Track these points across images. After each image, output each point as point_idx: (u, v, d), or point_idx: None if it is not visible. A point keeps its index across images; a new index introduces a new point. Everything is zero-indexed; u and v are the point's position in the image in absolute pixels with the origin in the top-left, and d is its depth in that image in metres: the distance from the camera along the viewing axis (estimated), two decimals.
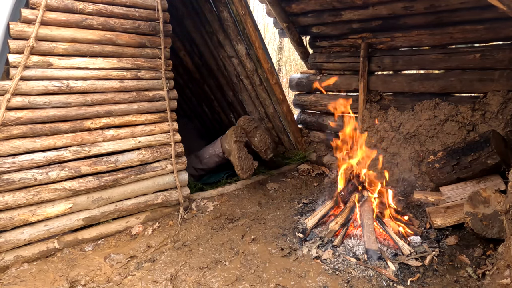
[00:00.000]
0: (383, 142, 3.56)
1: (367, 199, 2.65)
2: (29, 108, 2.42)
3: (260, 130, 3.75)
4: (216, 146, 3.67)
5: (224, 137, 3.61)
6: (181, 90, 4.84)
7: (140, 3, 2.87)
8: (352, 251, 2.46)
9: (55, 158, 2.50)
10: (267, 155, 3.75)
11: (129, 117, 2.86)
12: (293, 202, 3.34)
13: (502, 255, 1.91)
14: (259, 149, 3.72)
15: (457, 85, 3.21)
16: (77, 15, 2.59)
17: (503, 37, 2.98)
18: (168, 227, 2.92)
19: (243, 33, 3.78)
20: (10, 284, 2.23)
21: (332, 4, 3.58)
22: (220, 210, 3.20)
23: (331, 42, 4.01)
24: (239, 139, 3.51)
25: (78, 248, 2.60)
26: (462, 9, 2.98)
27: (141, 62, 2.92)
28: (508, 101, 2.91)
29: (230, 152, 3.49)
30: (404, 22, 3.37)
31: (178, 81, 4.87)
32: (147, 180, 2.94)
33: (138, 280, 2.30)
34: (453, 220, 2.58)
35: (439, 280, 2.18)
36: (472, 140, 2.68)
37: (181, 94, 4.86)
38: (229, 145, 3.52)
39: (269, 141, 3.77)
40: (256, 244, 2.64)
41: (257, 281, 2.26)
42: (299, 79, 4.46)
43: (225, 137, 3.58)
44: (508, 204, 1.90)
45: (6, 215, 2.34)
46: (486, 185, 2.58)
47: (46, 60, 2.47)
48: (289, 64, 9.20)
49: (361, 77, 3.66)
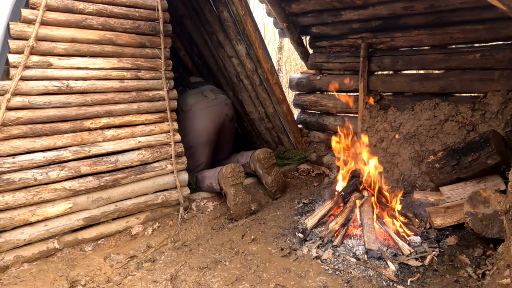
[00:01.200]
0: (383, 142, 3.56)
1: (367, 199, 2.65)
2: (29, 108, 2.42)
3: (276, 168, 3.45)
4: (214, 180, 3.26)
5: (221, 174, 3.14)
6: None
7: (140, 3, 2.87)
8: (352, 251, 2.46)
9: (55, 158, 2.51)
10: (275, 196, 3.46)
11: (129, 117, 2.86)
12: (293, 202, 3.34)
13: (502, 255, 1.90)
14: (269, 188, 3.39)
15: (457, 85, 3.21)
16: (77, 15, 2.59)
17: (503, 37, 2.98)
18: (168, 227, 2.92)
19: (243, 33, 3.78)
20: (10, 284, 2.23)
21: (332, 4, 3.58)
22: (220, 210, 3.20)
23: (331, 42, 4.01)
24: (237, 181, 3.05)
25: (78, 248, 2.61)
26: (462, 9, 2.98)
27: (141, 62, 2.92)
28: (508, 101, 2.91)
29: (226, 193, 3.11)
30: (404, 22, 3.37)
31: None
32: (147, 180, 2.94)
33: (138, 280, 2.30)
34: (453, 220, 2.58)
35: (439, 280, 2.18)
36: (472, 140, 2.68)
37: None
38: (225, 185, 3.09)
39: (282, 182, 3.48)
40: (256, 244, 2.64)
41: (257, 281, 2.26)
42: (299, 79, 4.46)
43: (222, 175, 3.12)
44: (508, 204, 1.90)
45: (6, 215, 2.34)
46: (486, 185, 2.58)
47: (46, 60, 2.47)
48: (289, 64, 9.20)
49: (361, 77, 3.66)
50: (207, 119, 3.56)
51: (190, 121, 3.54)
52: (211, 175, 3.30)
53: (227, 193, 3.06)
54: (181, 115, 3.49)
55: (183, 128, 3.38)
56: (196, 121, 3.54)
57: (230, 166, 3.06)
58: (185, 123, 3.51)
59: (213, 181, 3.24)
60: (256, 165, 3.47)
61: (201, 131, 3.55)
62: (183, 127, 3.40)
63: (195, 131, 3.54)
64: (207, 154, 3.65)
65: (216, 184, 3.20)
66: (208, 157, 3.67)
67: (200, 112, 3.55)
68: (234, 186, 3.04)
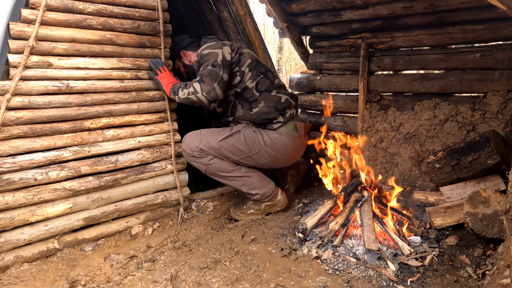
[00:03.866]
0: (383, 142, 3.57)
1: (367, 199, 2.65)
2: (29, 108, 2.42)
3: (300, 183, 3.59)
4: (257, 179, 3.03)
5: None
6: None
7: (140, 3, 2.87)
8: (352, 251, 2.46)
9: (55, 158, 2.51)
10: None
11: (129, 117, 2.86)
12: (293, 202, 3.34)
13: (502, 255, 1.91)
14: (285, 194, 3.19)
15: (457, 85, 3.21)
16: (77, 15, 2.59)
17: (503, 37, 2.98)
18: (168, 227, 2.92)
19: (243, 33, 3.78)
20: (10, 284, 2.23)
21: (332, 4, 3.58)
22: (220, 210, 3.20)
23: (331, 42, 4.01)
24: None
25: (78, 248, 2.61)
26: (462, 9, 2.98)
27: (141, 62, 2.92)
28: (508, 101, 2.91)
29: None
30: (404, 22, 3.37)
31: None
32: (147, 180, 2.94)
33: (138, 280, 2.30)
34: (453, 220, 2.58)
35: (439, 280, 2.18)
36: (472, 140, 2.68)
37: None
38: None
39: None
40: (256, 244, 2.64)
41: (257, 281, 2.26)
42: (299, 79, 4.47)
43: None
44: (508, 204, 1.91)
45: (6, 215, 2.34)
46: (486, 185, 2.59)
47: (46, 60, 2.48)
48: (289, 64, 9.21)
49: (361, 77, 3.66)
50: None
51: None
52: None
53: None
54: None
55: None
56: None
57: (306, 164, 3.52)
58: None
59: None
60: (291, 171, 3.46)
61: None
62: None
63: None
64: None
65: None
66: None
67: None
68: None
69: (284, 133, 2.94)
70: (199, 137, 2.90)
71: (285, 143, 2.93)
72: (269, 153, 2.91)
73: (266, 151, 2.90)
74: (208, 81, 2.71)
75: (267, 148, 2.90)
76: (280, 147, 2.92)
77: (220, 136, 2.89)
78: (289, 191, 3.39)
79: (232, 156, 2.90)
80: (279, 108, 2.95)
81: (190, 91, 2.76)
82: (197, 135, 2.92)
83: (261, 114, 2.93)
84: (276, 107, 2.94)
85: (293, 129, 2.97)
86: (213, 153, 2.89)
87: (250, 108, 2.96)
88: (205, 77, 2.72)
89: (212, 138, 2.90)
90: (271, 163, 3.02)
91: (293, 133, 2.96)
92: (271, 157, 2.93)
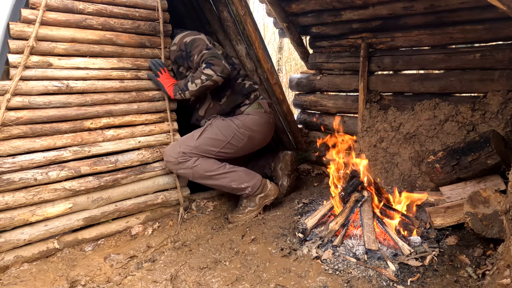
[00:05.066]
0: (383, 142, 3.56)
1: (367, 199, 2.65)
2: (29, 108, 2.42)
3: (295, 173, 3.62)
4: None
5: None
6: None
7: (140, 3, 2.87)
8: (352, 251, 2.46)
9: (55, 158, 2.51)
10: (281, 198, 3.45)
11: (129, 117, 2.86)
12: (293, 202, 3.34)
13: (502, 255, 1.91)
14: (282, 190, 3.45)
15: (457, 85, 3.21)
16: (77, 15, 2.59)
17: (503, 37, 2.98)
18: (168, 227, 2.92)
19: (243, 33, 3.77)
20: (10, 284, 2.23)
21: (332, 4, 3.58)
22: (220, 210, 3.20)
23: (331, 42, 4.01)
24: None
25: (78, 248, 2.61)
26: (462, 9, 2.98)
27: (141, 62, 2.92)
28: (508, 101, 2.91)
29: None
30: (404, 22, 3.37)
31: None
32: (147, 180, 2.94)
33: (138, 280, 2.30)
34: (453, 220, 2.58)
35: (439, 280, 2.18)
36: (472, 140, 2.68)
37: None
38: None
39: (286, 184, 3.53)
40: (256, 244, 2.64)
41: (257, 281, 2.26)
42: (299, 79, 4.47)
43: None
44: (508, 204, 1.91)
45: (6, 215, 2.34)
46: (486, 185, 2.58)
47: (46, 60, 2.48)
48: (289, 64, 9.20)
49: (361, 77, 3.67)
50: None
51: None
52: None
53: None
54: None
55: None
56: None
57: (291, 154, 3.53)
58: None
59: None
60: (280, 165, 3.53)
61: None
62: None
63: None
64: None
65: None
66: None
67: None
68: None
69: (251, 111, 3.14)
70: (177, 143, 2.98)
71: (254, 120, 3.12)
72: (243, 133, 3.07)
73: (240, 132, 3.05)
74: (216, 61, 2.83)
75: (240, 129, 3.05)
76: (251, 124, 3.10)
77: (196, 135, 3.00)
78: (283, 186, 3.48)
79: (213, 149, 2.99)
80: (244, 92, 3.16)
81: (203, 79, 2.85)
82: (175, 143, 3.00)
83: (230, 102, 3.13)
84: (242, 92, 3.15)
85: (258, 107, 3.18)
86: (196, 152, 2.94)
87: (219, 99, 3.12)
88: (211, 60, 2.83)
89: (189, 139, 2.99)
90: (252, 144, 3.17)
91: (259, 110, 3.17)
92: (247, 137, 3.09)
